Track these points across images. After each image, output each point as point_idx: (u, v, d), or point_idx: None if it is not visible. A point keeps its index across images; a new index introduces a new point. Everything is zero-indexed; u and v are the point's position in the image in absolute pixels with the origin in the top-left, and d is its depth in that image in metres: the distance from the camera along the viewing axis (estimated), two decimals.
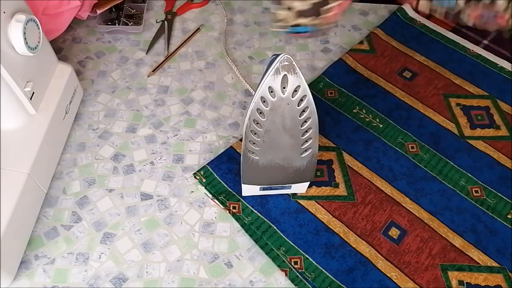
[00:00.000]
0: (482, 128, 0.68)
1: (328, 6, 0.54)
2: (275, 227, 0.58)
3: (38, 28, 0.55)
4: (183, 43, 0.78)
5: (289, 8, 0.54)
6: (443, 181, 0.63)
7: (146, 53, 0.77)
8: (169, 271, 0.55)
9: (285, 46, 0.79)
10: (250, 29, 0.82)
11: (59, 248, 0.56)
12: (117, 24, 0.79)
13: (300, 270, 0.55)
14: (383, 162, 0.65)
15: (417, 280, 0.55)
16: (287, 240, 0.57)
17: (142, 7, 0.81)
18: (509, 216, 0.60)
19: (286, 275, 0.55)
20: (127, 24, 0.79)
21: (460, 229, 0.59)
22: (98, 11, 0.76)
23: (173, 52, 0.77)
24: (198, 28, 0.80)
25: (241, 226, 0.58)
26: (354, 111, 0.70)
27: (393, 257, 0.56)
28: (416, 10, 0.84)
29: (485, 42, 0.79)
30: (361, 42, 0.79)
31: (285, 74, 0.44)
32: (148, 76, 0.72)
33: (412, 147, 0.66)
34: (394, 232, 0.58)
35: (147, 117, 0.69)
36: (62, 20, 0.70)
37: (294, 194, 0.61)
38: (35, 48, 0.55)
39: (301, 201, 0.60)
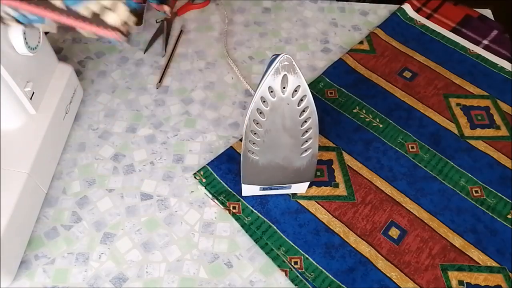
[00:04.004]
0: (482, 128, 0.68)
1: None
2: (275, 227, 0.58)
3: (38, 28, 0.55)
4: (175, 46, 0.78)
5: None
6: (443, 181, 0.63)
7: (144, 53, 0.77)
8: (169, 271, 0.55)
9: (285, 46, 0.79)
10: (250, 29, 0.82)
11: (59, 248, 0.56)
12: None
13: (300, 270, 0.55)
14: (383, 162, 0.65)
15: (417, 280, 0.55)
16: (287, 240, 0.57)
17: (142, 7, 0.81)
18: (509, 216, 0.60)
19: (286, 275, 0.55)
20: None
21: (460, 229, 0.59)
22: None
23: (171, 56, 0.77)
24: (181, 30, 0.80)
25: (241, 226, 0.58)
26: (354, 111, 0.70)
27: (393, 257, 0.56)
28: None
29: (485, 42, 0.79)
30: (361, 42, 0.79)
31: (285, 74, 0.44)
32: (157, 88, 0.72)
33: (412, 147, 0.66)
34: (394, 232, 0.58)
35: (147, 117, 0.69)
36: None
37: (294, 194, 0.61)
38: (35, 48, 0.55)
39: (301, 201, 0.60)
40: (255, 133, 0.49)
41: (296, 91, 0.45)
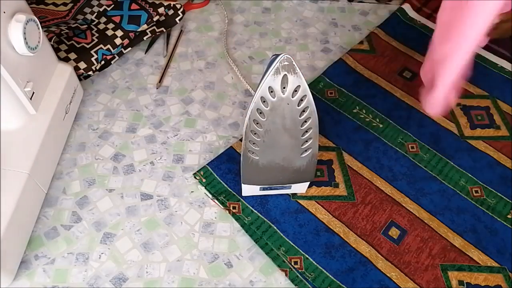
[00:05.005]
0: (482, 128, 0.68)
1: None
2: (275, 227, 0.58)
3: (38, 28, 0.55)
4: (175, 46, 0.78)
5: None
6: (443, 181, 0.63)
7: (145, 53, 0.77)
8: (169, 271, 0.55)
9: (285, 46, 0.79)
10: (250, 29, 0.82)
11: (59, 248, 0.56)
12: None
13: (300, 270, 0.55)
14: (383, 162, 0.65)
15: (417, 280, 0.55)
16: (287, 240, 0.57)
17: None
18: (509, 216, 0.60)
19: (286, 275, 0.55)
20: None
21: (460, 229, 0.59)
22: None
23: (171, 56, 0.77)
24: (181, 30, 0.80)
25: (241, 226, 0.58)
26: (354, 111, 0.70)
27: (393, 257, 0.56)
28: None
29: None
30: (361, 42, 0.79)
31: (285, 74, 0.44)
32: (157, 88, 0.72)
33: (412, 147, 0.66)
34: (394, 232, 0.58)
35: (147, 117, 0.69)
36: None
37: (294, 194, 0.61)
38: (35, 48, 0.55)
39: (301, 201, 0.60)
40: (255, 133, 0.49)
41: (296, 91, 0.45)
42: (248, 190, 0.59)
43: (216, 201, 0.60)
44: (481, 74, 0.75)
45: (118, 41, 0.71)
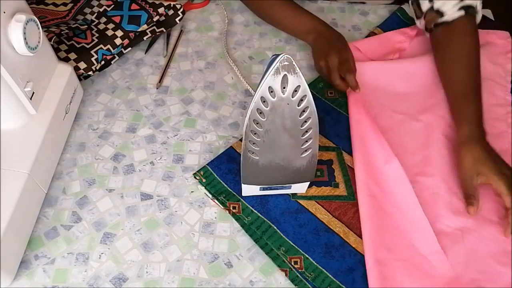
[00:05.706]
0: None
1: None
2: (275, 227, 0.58)
3: (38, 28, 0.55)
4: (175, 46, 0.78)
5: None
6: None
7: (145, 53, 0.77)
8: (169, 271, 0.55)
9: (285, 46, 0.79)
10: (250, 29, 0.82)
11: (59, 248, 0.56)
12: None
13: (300, 270, 0.55)
14: None
15: None
16: (287, 240, 0.57)
17: None
18: None
19: (286, 275, 0.55)
20: None
21: None
22: None
23: (171, 56, 0.77)
24: (181, 30, 0.80)
25: (241, 226, 0.58)
26: None
27: None
28: None
29: None
30: None
31: (285, 74, 0.44)
32: (157, 88, 0.72)
33: None
34: None
35: (147, 117, 0.69)
36: None
37: (294, 194, 0.61)
38: (35, 48, 0.55)
39: (301, 201, 0.60)
40: (255, 133, 0.49)
41: (296, 91, 0.45)
42: (248, 190, 0.59)
43: (216, 201, 0.60)
44: None
45: (118, 41, 0.71)
